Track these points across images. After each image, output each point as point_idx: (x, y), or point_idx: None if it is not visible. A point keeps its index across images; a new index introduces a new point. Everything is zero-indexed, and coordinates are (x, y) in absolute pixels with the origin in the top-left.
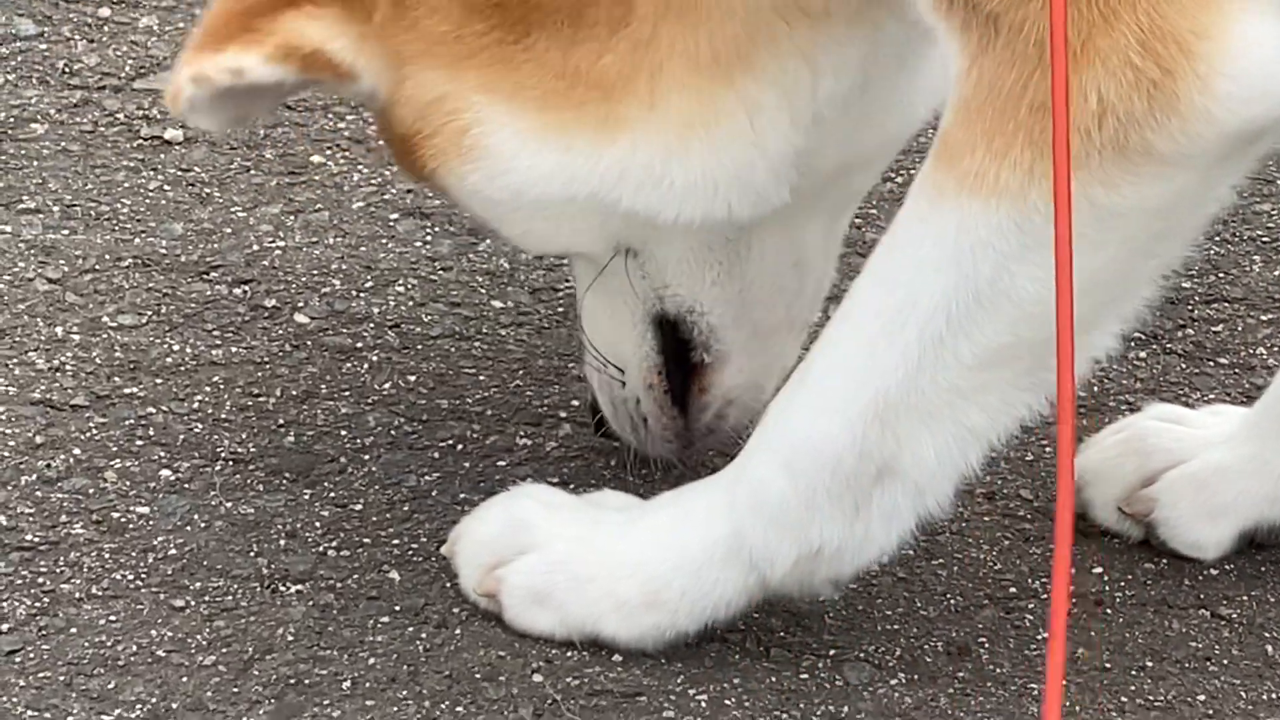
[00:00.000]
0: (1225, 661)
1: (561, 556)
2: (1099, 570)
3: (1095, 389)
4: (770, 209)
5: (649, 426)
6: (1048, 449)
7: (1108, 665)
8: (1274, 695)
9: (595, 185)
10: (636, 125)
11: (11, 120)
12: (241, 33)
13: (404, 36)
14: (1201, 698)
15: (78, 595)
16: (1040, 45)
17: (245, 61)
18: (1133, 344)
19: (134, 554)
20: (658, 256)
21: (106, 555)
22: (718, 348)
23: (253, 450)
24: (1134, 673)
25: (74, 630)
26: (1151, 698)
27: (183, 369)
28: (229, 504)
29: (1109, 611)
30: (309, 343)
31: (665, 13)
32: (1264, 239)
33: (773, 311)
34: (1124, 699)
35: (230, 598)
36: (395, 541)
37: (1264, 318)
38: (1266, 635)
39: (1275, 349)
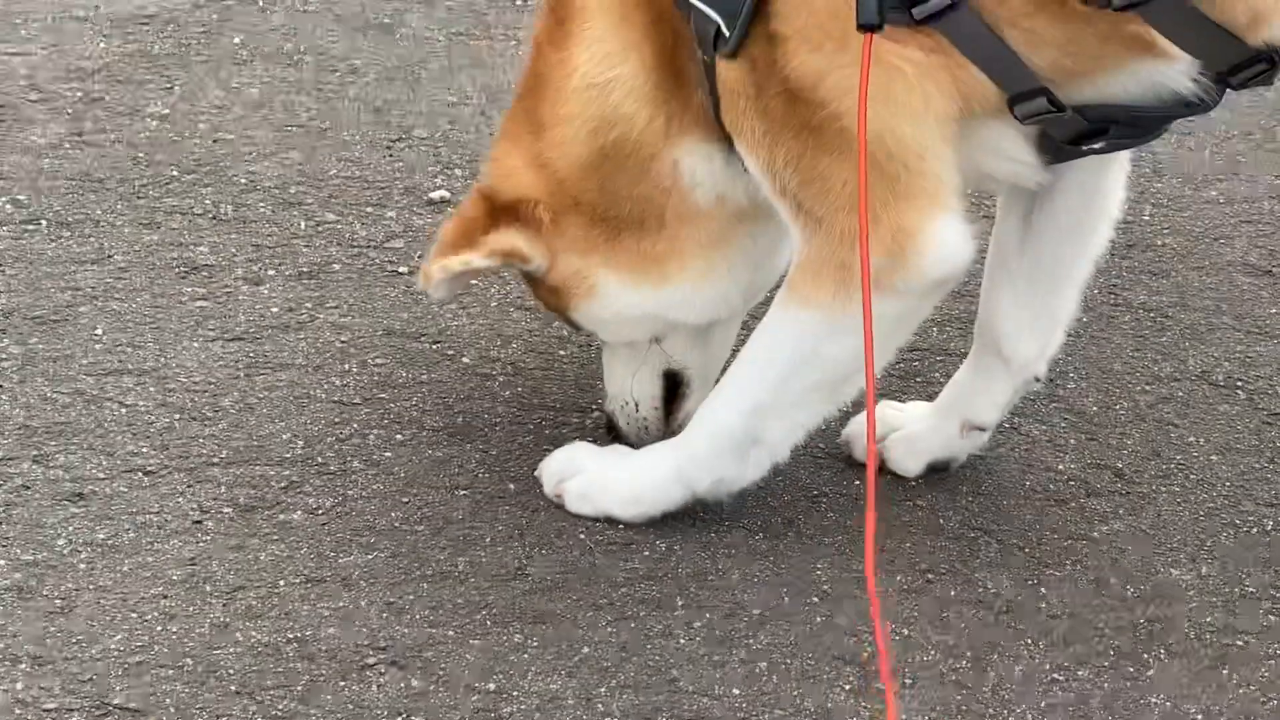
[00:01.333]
0: (930, 527)
1: (595, 478)
2: (858, 483)
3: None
4: (735, 314)
5: (649, 431)
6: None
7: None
8: (949, 554)
9: (657, 309)
10: (676, 278)
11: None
12: (467, 243)
13: (558, 240)
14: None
15: (363, 484)
16: (842, 237)
17: (472, 258)
18: None
19: (397, 483)
20: (672, 341)
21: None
22: (692, 390)
23: (440, 424)
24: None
25: (359, 503)
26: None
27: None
28: (431, 452)
29: (862, 502)
30: (473, 374)
31: (681, 220)
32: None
33: (716, 371)
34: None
35: (437, 502)
36: (512, 470)
37: (938, 360)
38: (945, 516)
39: (945, 375)
